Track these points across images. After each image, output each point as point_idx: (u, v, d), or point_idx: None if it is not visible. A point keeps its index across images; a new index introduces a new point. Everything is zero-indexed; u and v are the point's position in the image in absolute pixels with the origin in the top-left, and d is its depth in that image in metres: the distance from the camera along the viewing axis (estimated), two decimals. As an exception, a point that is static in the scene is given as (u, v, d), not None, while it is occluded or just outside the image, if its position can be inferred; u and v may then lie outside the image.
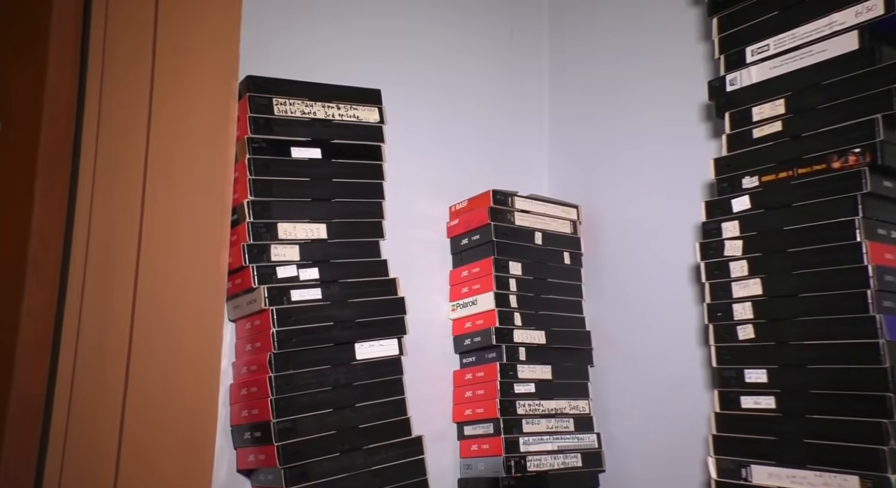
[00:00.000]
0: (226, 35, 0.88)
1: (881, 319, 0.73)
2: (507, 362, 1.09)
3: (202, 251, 0.85)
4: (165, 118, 0.83)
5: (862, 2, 0.75)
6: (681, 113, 1.09)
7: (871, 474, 0.72)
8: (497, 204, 1.14)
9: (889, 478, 0.70)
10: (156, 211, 0.80)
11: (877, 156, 0.75)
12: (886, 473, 0.71)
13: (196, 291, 0.84)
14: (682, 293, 1.06)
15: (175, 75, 0.85)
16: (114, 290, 0.78)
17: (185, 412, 0.79)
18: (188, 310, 0.82)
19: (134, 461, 0.74)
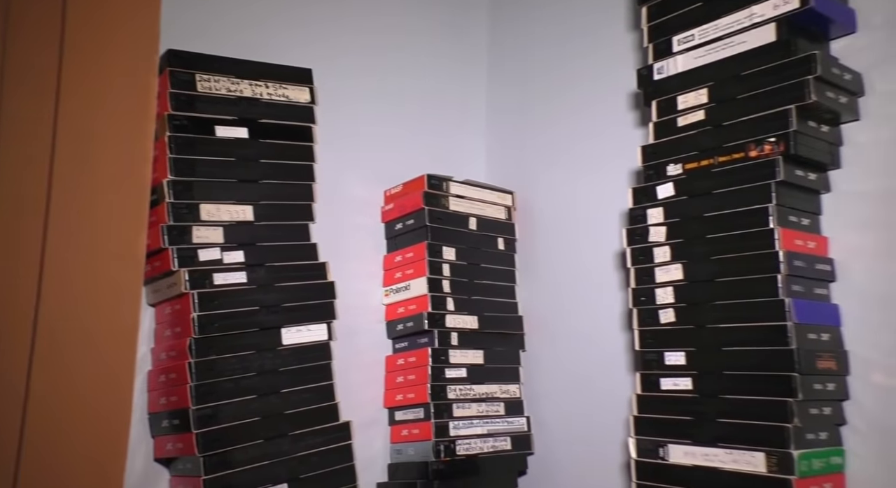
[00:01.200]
0: (145, 5, 0.84)
1: (790, 303, 0.76)
2: (438, 347, 1.09)
3: (118, 232, 0.81)
4: (77, 91, 0.79)
5: (780, -6, 0.78)
6: (612, 101, 1.11)
7: (777, 450, 0.75)
8: (432, 189, 1.13)
9: (792, 454, 0.74)
10: (65, 189, 0.76)
11: (790, 145, 0.77)
12: (790, 449, 0.74)
13: (111, 274, 0.80)
14: (610, 278, 1.08)
15: (88, 46, 0.80)
16: (17, 274, 0.73)
17: (97, 400, 0.75)
18: (102, 294, 0.79)
19: (38, 453, 0.70)
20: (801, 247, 0.80)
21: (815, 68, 0.75)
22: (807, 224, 0.81)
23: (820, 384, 0.77)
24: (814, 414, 0.77)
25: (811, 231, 0.82)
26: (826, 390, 0.78)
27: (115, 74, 0.82)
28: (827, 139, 0.80)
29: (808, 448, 0.75)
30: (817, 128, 0.80)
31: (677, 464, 0.83)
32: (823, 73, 0.75)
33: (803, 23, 0.79)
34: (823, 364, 0.77)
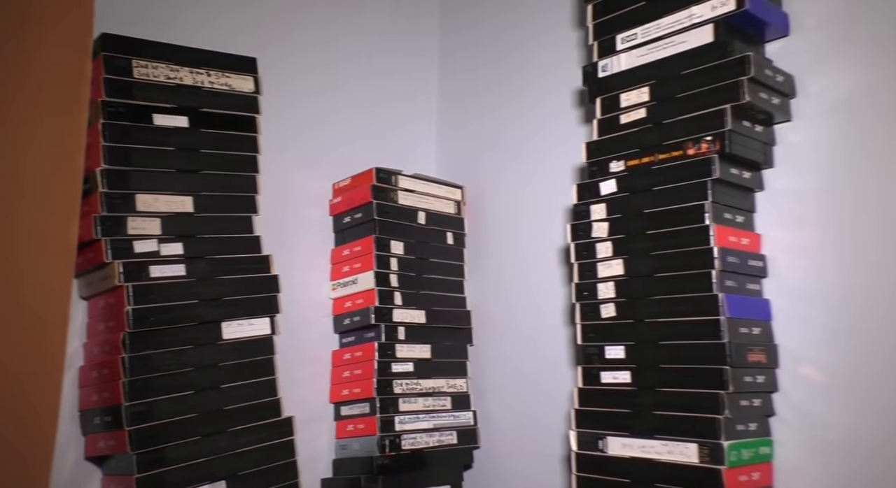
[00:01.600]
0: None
1: (723, 298, 0.78)
2: (385, 341, 1.09)
3: (47, 222, 0.78)
4: (4, 76, 0.75)
5: (717, -4, 0.79)
6: (559, 97, 1.12)
7: (708, 441, 0.77)
8: (380, 182, 1.12)
9: (723, 445, 0.76)
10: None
11: (725, 144, 0.79)
12: (720, 440, 0.76)
13: (39, 266, 0.77)
14: (555, 273, 1.10)
15: (16, 28, 0.77)
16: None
17: (23, 397, 0.72)
18: (29, 287, 0.75)
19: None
20: (735, 243, 0.82)
21: (749, 69, 0.77)
22: (741, 221, 0.84)
23: (750, 377, 0.79)
24: (744, 405, 0.79)
25: (745, 228, 0.84)
26: (756, 382, 0.80)
27: (45, 58, 0.79)
28: (760, 139, 0.83)
29: (738, 438, 0.78)
30: (751, 127, 0.82)
31: (615, 456, 0.85)
32: (757, 74, 0.77)
33: (740, 24, 0.81)
34: (754, 357, 0.80)
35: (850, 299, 0.78)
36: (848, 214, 0.79)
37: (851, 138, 0.79)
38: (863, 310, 0.77)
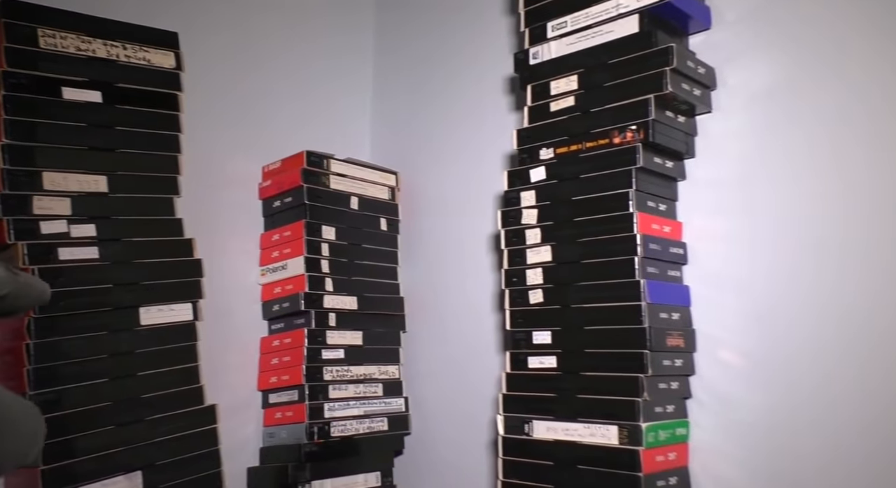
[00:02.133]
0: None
1: (644, 284, 0.80)
2: (315, 328, 1.07)
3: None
4: None
5: (643, -13, 0.80)
6: (492, 84, 1.12)
7: (627, 423, 0.79)
8: (311, 166, 1.10)
9: (641, 427, 0.78)
10: None
11: (649, 133, 0.81)
12: (639, 422, 0.78)
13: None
14: (487, 260, 1.10)
15: None
16: None
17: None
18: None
19: None
20: (658, 231, 0.84)
21: (672, 60, 0.78)
22: (663, 209, 0.86)
23: (669, 360, 0.82)
24: (662, 388, 0.81)
25: (667, 216, 0.86)
26: (674, 366, 0.82)
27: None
28: (683, 129, 0.85)
29: (656, 420, 0.80)
30: (674, 118, 0.84)
31: (540, 440, 0.86)
32: (679, 65, 0.79)
33: (664, 16, 0.82)
34: (673, 341, 0.82)
35: (764, 285, 0.81)
36: (764, 203, 0.81)
37: (768, 129, 0.82)
38: (776, 297, 0.80)
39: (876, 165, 0.74)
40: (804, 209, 0.78)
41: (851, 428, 0.74)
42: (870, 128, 0.74)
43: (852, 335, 0.74)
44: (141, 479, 0.82)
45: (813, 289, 0.77)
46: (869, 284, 0.74)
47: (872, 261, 0.73)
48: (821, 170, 0.77)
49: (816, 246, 0.77)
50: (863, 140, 0.75)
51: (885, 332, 0.72)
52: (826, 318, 0.76)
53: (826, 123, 0.77)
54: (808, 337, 0.77)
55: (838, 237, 0.76)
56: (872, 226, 0.74)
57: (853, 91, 0.76)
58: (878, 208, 0.73)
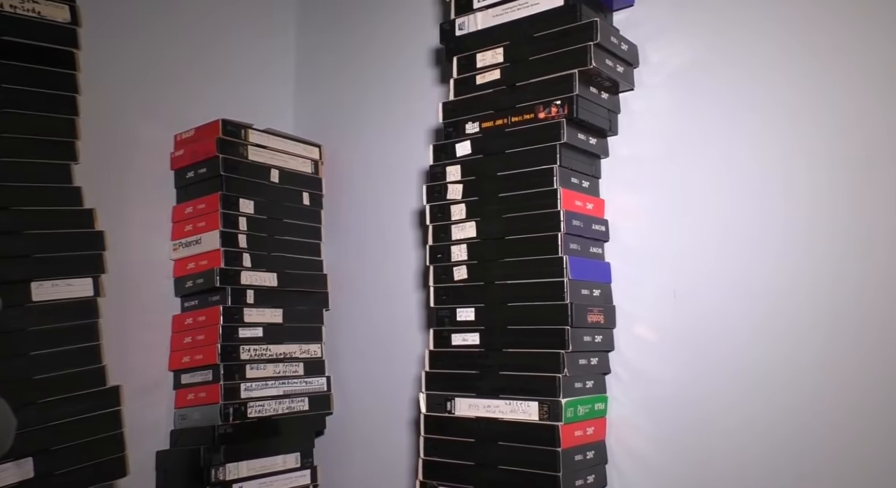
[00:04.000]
0: None
1: (567, 260, 0.80)
2: (232, 305, 1.02)
3: None
4: None
5: (569, -41, 0.79)
6: (418, 55, 1.09)
7: (547, 399, 0.79)
8: (227, 135, 1.04)
9: (560, 402, 0.78)
10: None
11: (574, 109, 0.80)
12: (559, 398, 0.78)
13: None
14: (412, 235, 1.08)
15: None
16: None
17: None
18: None
19: None
20: (581, 207, 0.84)
21: (596, 35, 0.78)
22: (586, 186, 0.86)
23: (589, 336, 0.82)
24: (582, 364, 0.82)
25: (590, 193, 0.86)
26: (594, 342, 0.83)
27: None
28: (606, 106, 0.85)
29: (576, 396, 0.81)
30: (598, 94, 0.84)
31: (462, 417, 0.85)
32: (603, 41, 0.79)
33: (589, -10, 0.82)
34: (593, 318, 0.83)
35: (681, 263, 0.83)
36: (683, 182, 0.83)
37: (688, 108, 0.83)
38: (692, 274, 0.82)
39: (792, 144, 0.76)
40: (722, 187, 0.80)
41: (759, 402, 0.77)
42: (787, 106, 0.76)
43: (764, 312, 0.77)
44: (32, 465, 0.76)
45: (728, 266, 0.79)
46: (782, 262, 0.76)
47: (787, 238, 0.76)
48: (739, 149, 0.79)
49: (733, 224, 0.79)
50: (780, 118, 0.77)
51: (796, 309, 0.75)
52: (739, 295, 0.78)
53: (745, 101, 0.79)
54: (721, 313, 0.79)
55: (755, 214, 0.78)
56: (788, 203, 0.76)
57: (771, 69, 0.77)
58: (794, 186, 0.76)
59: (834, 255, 0.73)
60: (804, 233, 0.75)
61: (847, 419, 0.72)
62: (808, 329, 0.74)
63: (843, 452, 0.72)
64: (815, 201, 0.74)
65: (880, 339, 0.70)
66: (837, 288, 0.73)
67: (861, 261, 0.72)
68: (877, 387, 0.70)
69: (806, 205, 0.75)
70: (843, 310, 0.72)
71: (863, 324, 0.71)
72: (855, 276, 0.72)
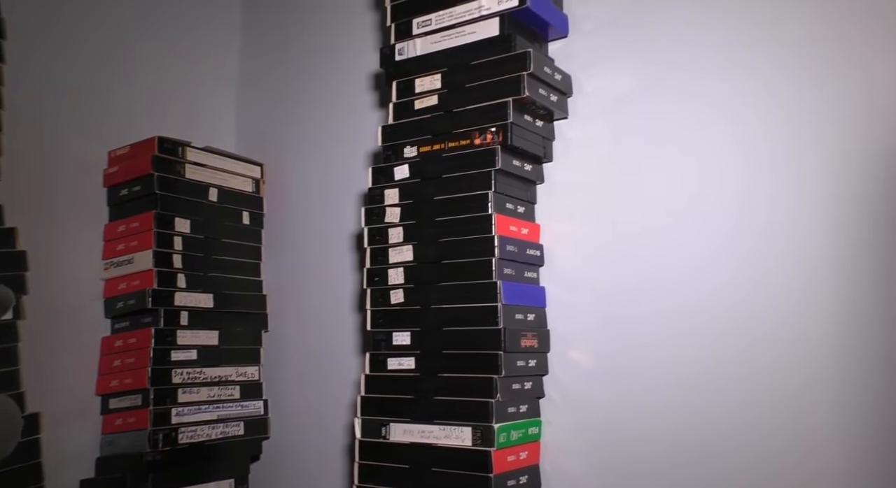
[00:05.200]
0: None
1: (501, 285, 0.80)
2: (164, 327, 1.00)
3: None
4: None
5: (503, -10, 0.81)
6: (359, 78, 1.09)
7: (481, 424, 0.79)
8: (164, 153, 1.02)
9: (493, 427, 0.78)
10: None
11: (508, 136, 0.81)
12: (491, 423, 0.78)
13: None
14: (351, 258, 1.07)
15: None
16: None
17: None
18: None
19: None
20: (515, 233, 0.85)
21: (529, 65, 0.79)
22: (522, 212, 0.87)
23: (523, 361, 0.83)
24: (516, 389, 0.82)
25: (525, 218, 0.87)
26: (528, 366, 0.84)
27: None
28: (541, 133, 0.86)
29: (509, 420, 0.81)
30: (532, 122, 0.85)
31: (397, 442, 0.85)
32: (536, 70, 0.80)
33: (523, 21, 0.83)
34: (527, 342, 0.83)
35: (614, 287, 0.84)
36: (617, 208, 0.85)
37: (622, 137, 0.85)
38: (625, 299, 0.83)
39: (723, 172, 0.78)
40: (654, 215, 0.82)
41: (691, 427, 0.78)
42: (718, 136, 0.79)
43: (696, 338, 0.79)
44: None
45: (659, 291, 0.81)
46: (712, 288, 0.78)
47: (717, 266, 0.78)
48: (670, 179, 0.81)
49: (666, 250, 0.81)
50: (713, 149, 0.79)
51: (725, 333, 0.77)
52: (670, 320, 0.80)
53: (677, 133, 0.81)
54: (653, 338, 0.81)
55: (688, 241, 0.80)
56: (721, 230, 0.78)
57: (703, 102, 0.80)
58: (726, 213, 0.78)
59: (768, 281, 0.75)
60: (736, 259, 0.77)
61: (779, 442, 0.74)
62: (737, 355, 0.76)
63: (775, 476, 0.73)
64: (749, 227, 0.77)
65: (813, 363, 0.73)
66: (770, 313, 0.75)
67: (793, 284, 0.74)
68: (810, 412, 0.73)
69: (739, 231, 0.77)
70: (775, 336, 0.74)
71: (795, 349, 0.74)
72: (786, 301, 0.74)
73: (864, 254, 0.70)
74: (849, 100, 0.72)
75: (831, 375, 0.71)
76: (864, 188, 0.71)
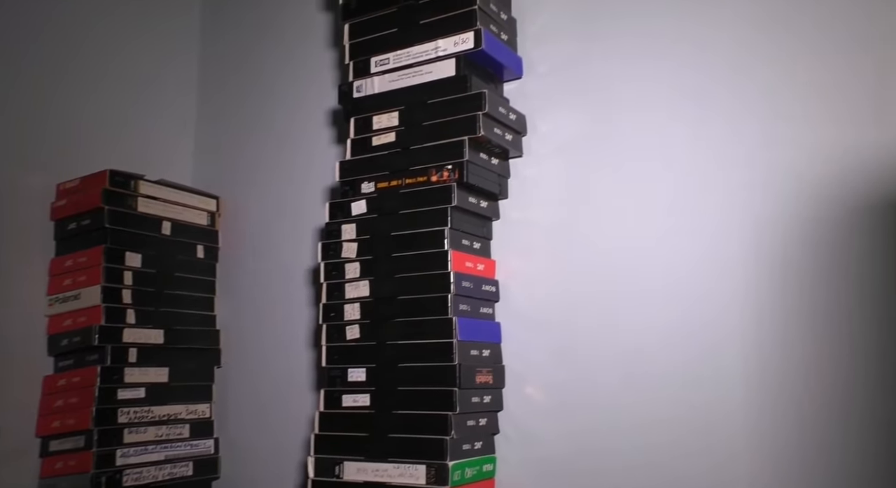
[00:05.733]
0: None
1: (456, 321, 0.81)
2: (111, 365, 0.97)
3: None
4: None
5: (459, 33, 0.83)
6: (318, 114, 1.10)
7: (435, 462, 0.78)
8: (115, 186, 1.00)
9: (447, 465, 0.78)
10: None
11: (464, 173, 0.83)
12: (446, 461, 0.78)
13: None
14: (307, 293, 1.07)
15: None
16: None
17: None
18: None
19: None
20: (471, 269, 0.86)
21: (485, 105, 0.81)
22: (477, 248, 0.88)
23: (478, 397, 0.83)
24: (471, 425, 0.82)
25: (481, 254, 0.88)
26: (483, 403, 0.84)
27: None
28: (496, 171, 0.88)
29: (464, 458, 0.80)
30: (488, 160, 0.87)
31: (350, 481, 0.83)
32: (491, 110, 0.82)
33: (479, 62, 0.85)
34: (482, 378, 0.84)
35: (568, 323, 0.85)
36: (569, 245, 0.86)
37: (574, 176, 0.87)
38: (579, 336, 0.84)
39: (675, 215, 0.81)
40: (606, 253, 0.84)
41: (644, 464, 0.79)
42: (670, 179, 0.81)
43: (646, 374, 0.80)
44: None
45: (612, 327, 0.82)
46: (664, 324, 0.80)
47: (669, 303, 0.80)
48: (622, 217, 0.83)
49: (616, 287, 0.83)
50: (664, 189, 0.82)
51: (675, 369, 0.79)
52: (622, 356, 0.81)
53: (628, 173, 0.84)
54: (604, 374, 0.82)
55: (638, 280, 0.82)
56: (672, 271, 0.80)
57: (654, 144, 0.83)
58: (677, 254, 0.80)
59: (717, 320, 0.77)
60: (688, 298, 0.79)
61: (729, 474, 0.75)
62: (686, 390, 0.78)
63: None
64: (700, 267, 0.79)
65: (765, 396, 0.75)
66: (717, 351, 0.77)
67: (737, 323, 0.76)
68: (763, 444, 0.74)
69: (691, 269, 0.79)
70: (722, 366, 0.76)
71: (737, 385, 0.75)
72: (732, 339, 0.76)
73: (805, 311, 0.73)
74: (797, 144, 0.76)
75: (774, 411, 0.73)
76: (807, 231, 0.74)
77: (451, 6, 0.84)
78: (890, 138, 0.71)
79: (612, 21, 0.86)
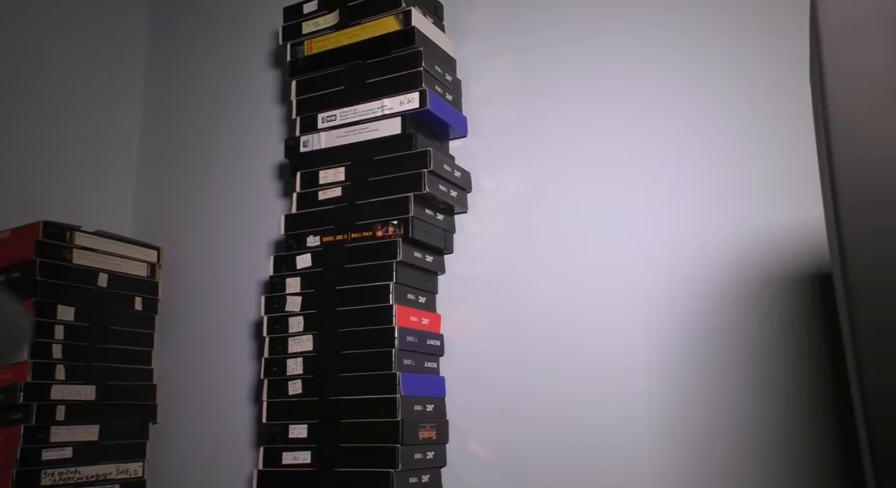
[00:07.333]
0: None
1: (399, 376, 0.80)
2: (36, 424, 0.92)
3: None
4: None
5: (405, 93, 0.85)
6: (263, 168, 1.10)
7: (377, 522, 0.77)
8: (49, 238, 0.97)
9: (389, 525, 0.76)
10: None
11: (409, 229, 0.84)
12: (388, 520, 0.76)
13: None
14: (249, 347, 1.04)
15: None
16: None
17: None
18: None
19: None
20: (416, 323, 0.86)
21: (430, 163, 0.83)
22: (423, 302, 0.88)
23: (420, 453, 0.82)
24: (413, 482, 0.81)
25: (427, 309, 0.89)
26: (426, 459, 0.83)
27: None
28: (442, 227, 0.90)
29: (407, 516, 0.79)
30: (434, 216, 0.88)
31: (288, 544, 0.80)
32: (436, 168, 0.84)
33: (424, 121, 0.88)
34: (426, 434, 0.83)
35: (511, 378, 0.86)
36: (513, 300, 0.88)
37: (517, 232, 0.89)
38: (520, 392, 0.85)
39: (611, 272, 0.83)
40: (548, 308, 0.86)
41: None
42: (608, 237, 0.84)
43: (589, 428, 0.81)
44: None
45: (553, 382, 0.83)
46: (602, 376, 0.81)
47: (608, 356, 0.81)
48: (564, 273, 0.86)
49: (558, 342, 0.84)
50: (604, 247, 0.84)
51: (616, 422, 0.80)
52: (565, 411, 0.82)
53: (568, 231, 0.86)
54: (545, 430, 0.83)
55: (578, 334, 0.83)
56: (608, 324, 0.82)
57: (592, 204, 0.86)
58: (613, 308, 0.82)
59: (656, 378, 0.79)
60: (628, 348, 0.81)
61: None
62: (630, 442, 0.79)
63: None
64: (632, 321, 0.81)
65: (700, 438, 0.76)
66: (657, 403, 0.79)
67: (690, 375, 0.79)
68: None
69: (625, 324, 0.81)
70: (663, 419, 0.78)
71: (681, 425, 0.77)
72: (676, 390, 0.78)
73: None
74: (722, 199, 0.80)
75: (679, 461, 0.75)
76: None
77: (396, 67, 0.87)
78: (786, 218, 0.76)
79: (555, 84, 0.90)
